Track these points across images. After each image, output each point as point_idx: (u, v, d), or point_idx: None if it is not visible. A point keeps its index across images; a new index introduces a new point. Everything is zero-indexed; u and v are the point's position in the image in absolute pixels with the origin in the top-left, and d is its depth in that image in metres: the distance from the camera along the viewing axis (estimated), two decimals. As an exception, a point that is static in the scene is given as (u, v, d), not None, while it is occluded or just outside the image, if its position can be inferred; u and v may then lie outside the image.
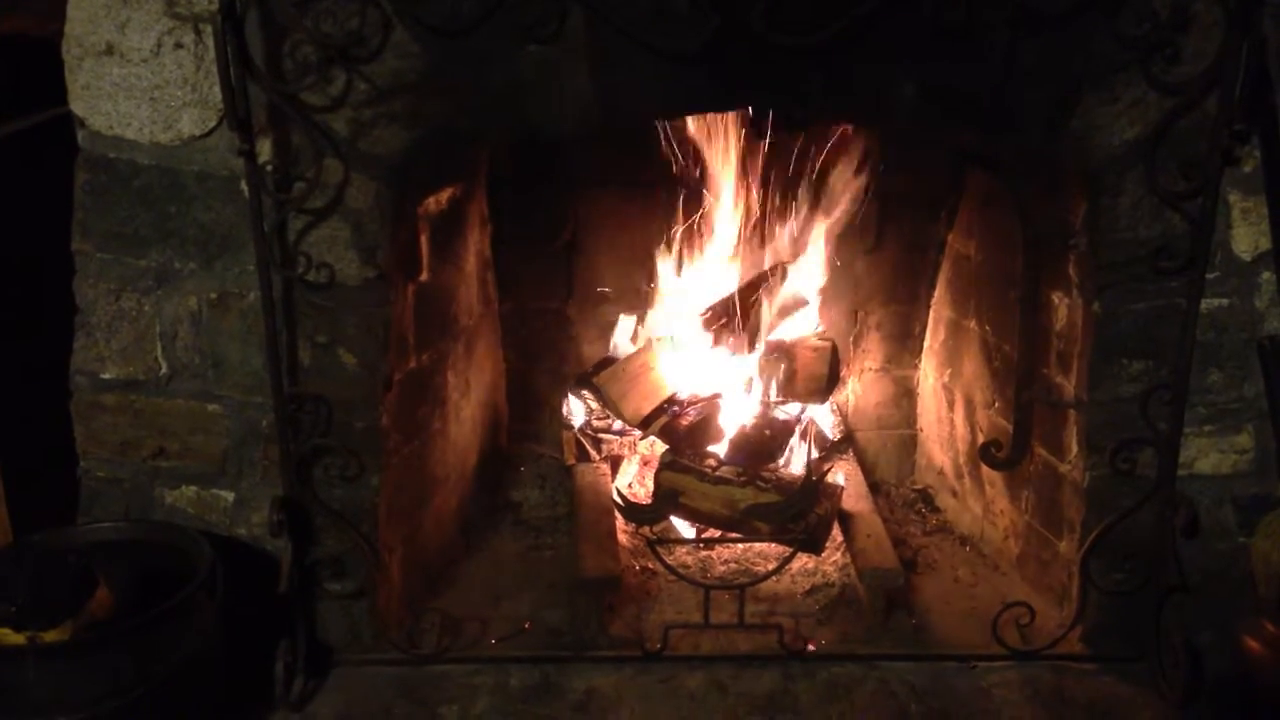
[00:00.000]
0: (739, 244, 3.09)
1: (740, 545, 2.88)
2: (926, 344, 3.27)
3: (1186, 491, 2.41)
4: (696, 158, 2.98)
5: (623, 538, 2.88)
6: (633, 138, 2.88)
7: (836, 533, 2.86)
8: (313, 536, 2.42)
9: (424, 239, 2.58)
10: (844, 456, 3.23)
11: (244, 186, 2.20)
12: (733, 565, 2.88)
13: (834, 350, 3.06)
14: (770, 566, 2.73)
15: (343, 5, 2.08)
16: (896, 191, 3.08)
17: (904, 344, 3.29)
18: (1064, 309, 2.53)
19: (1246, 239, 2.33)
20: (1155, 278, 2.32)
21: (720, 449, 2.91)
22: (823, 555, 2.84)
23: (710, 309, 3.04)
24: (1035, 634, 2.55)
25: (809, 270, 3.12)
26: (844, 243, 3.10)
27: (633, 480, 3.18)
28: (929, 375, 3.27)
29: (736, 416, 2.98)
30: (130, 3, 2.16)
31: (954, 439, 3.13)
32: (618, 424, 3.14)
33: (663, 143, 2.93)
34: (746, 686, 2.46)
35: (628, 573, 2.77)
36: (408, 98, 2.18)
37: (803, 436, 3.06)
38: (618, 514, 2.87)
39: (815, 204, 3.05)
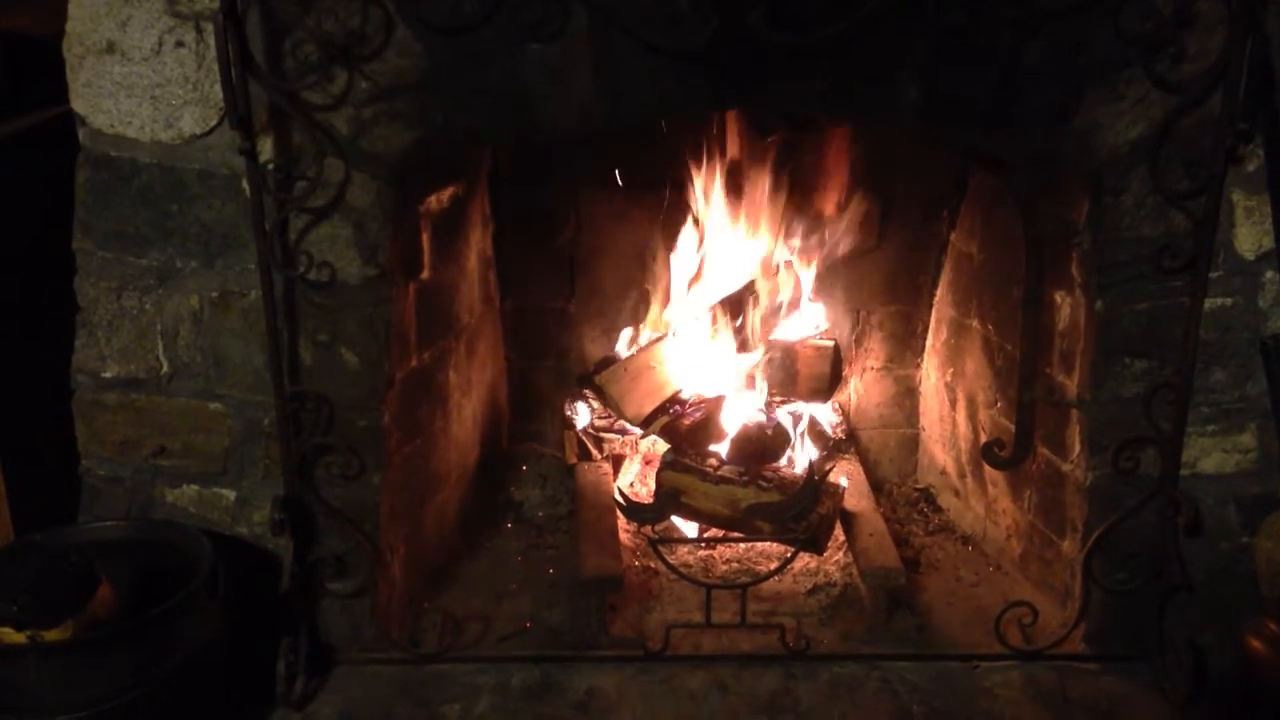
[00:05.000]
0: (740, 243, 3.09)
1: (742, 545, 2.88)
2: (929, 343, 3.26)
3: (1189, 491, 2.40)
4: (698, 157, 2.98)
5: (624, 537, 2.88)
6: (635, 137, 2.88)
7: (838, 532, 2.86)
8: (314, 535, 2.42)
9: (425, 238, 2.58)
10: (846, 456, 3.22)
11: (245, 185, 2.20)
12: (734, 565, 2.88)
13: (836, 349, 3.06)
14: (772, 566, 2.72)
15: (344, 4, 2.08)
16: (899, 191, 3.07)
17: (906, 343, 3.28)
18: (1067, 308, 2.52)
19: (1250, 238, 2.33)
20: (1158, 277, 2.31)
21: (722, 448, 2.90)
22: (825, 555, 2.83)
23: (710, 309, 3.04)
24: (1038, 634, 2.54)
25: (811, 269, 3.12)
26: (846, 242, 3.10)
27: (634, 479, 3.18)
28: (931, 374, 3.26)
29: (738, 416, 2.98)
30: (131, 1, 2.16)
31: (956, 438, 3.13)
32: (620, 423, 3.13)
33: (664, 141, 2.93)
34: (748, 686, 2.46)
35: (629, 572, 2.77)
36: (409, 96, 2.18)
37: (804, 436, 3.06)
38: (619, 513, 2.86)
39: (817, 203, 3.04)
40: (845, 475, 3.07)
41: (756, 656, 2.54)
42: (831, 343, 3.06)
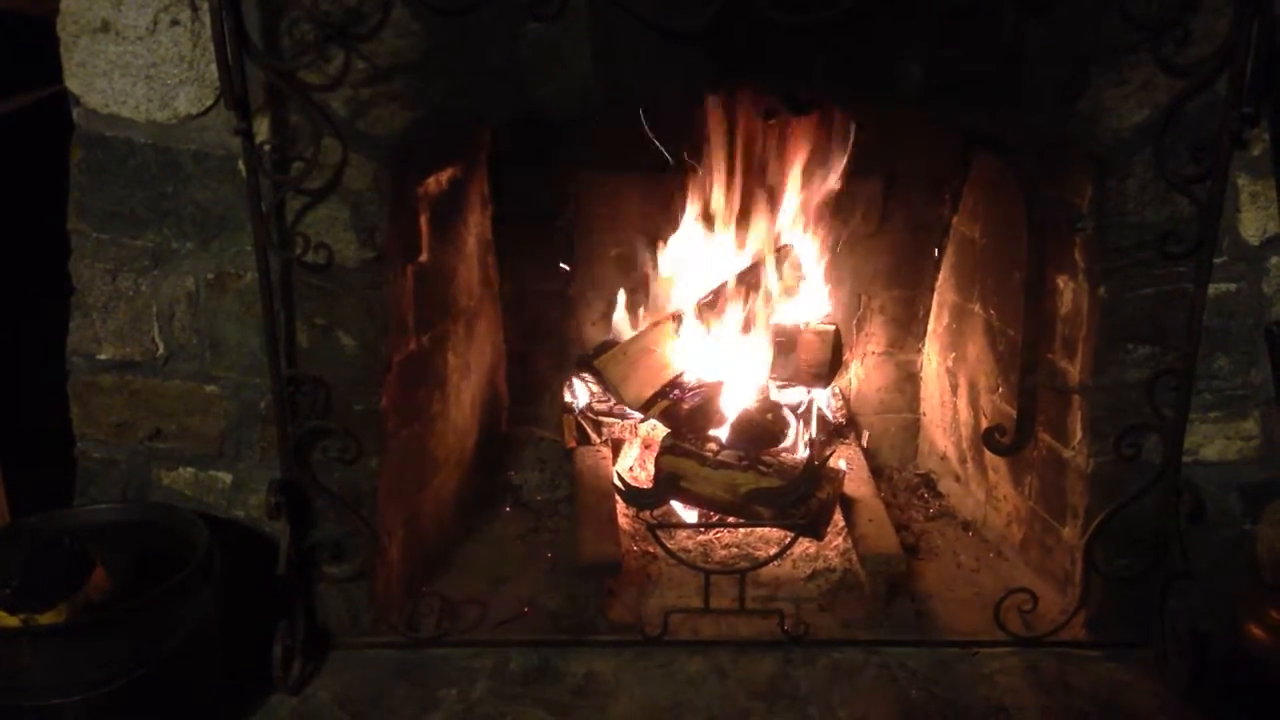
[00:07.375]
0: (741, 226, 3.07)
1: (741, 530, 2.87)
2: (930, 328, 3.25)
3: (1192, 478, 2.39)
4: (698, 138, 2.96)
5: (623, 521, 2.87)
6: (635, 118, 2.86)
7: (838, 518, 2.85)
8: (311, 519, 2.41)
9: (424, 220, 2.56)
10: (846, 441, 3.21)
11: (241, 166, 2.18)
12: (733, 550, 2.87)
13: (837, 334, 3.04)
14: (771, 551, 2.72)
15: (341, -18, 2.06)
16: (901, 173, 3.05)
17: (907, 328, 3.27)
18: (1069, 293, 2.51)
19: (1255, 223, 2.31)
20: (1162, 262, 2.29)
21: (722, 433, 2.89)
22: (824, 540, 2.83)
23: (710, 294, 3.02)
24: (1038, 620, 2.53)
25: (812, 253, 3.10)
26: (847, 225, 3.08)
27: (634, 464, 3.17)
28: (932, 359, 3.25)
29: (738, 401, 2.97)
30: (126, -21, 2.14)
31: (957, 424, 3.12)
32: (619, 407, 3.12)
33: (665, 123, 2.91)
34: (746, 672, 2.45)
35: (628, 557, 2.76)
36: (407, 77, 2.16)
37: (805, 421, 3.04)
38: (618, 498, 2.86)
39: (817, 186, 3.02)
40: (845, 460, 3.06)
41: (755, 642, 2.53)
42: (832, 327, 3.05)
